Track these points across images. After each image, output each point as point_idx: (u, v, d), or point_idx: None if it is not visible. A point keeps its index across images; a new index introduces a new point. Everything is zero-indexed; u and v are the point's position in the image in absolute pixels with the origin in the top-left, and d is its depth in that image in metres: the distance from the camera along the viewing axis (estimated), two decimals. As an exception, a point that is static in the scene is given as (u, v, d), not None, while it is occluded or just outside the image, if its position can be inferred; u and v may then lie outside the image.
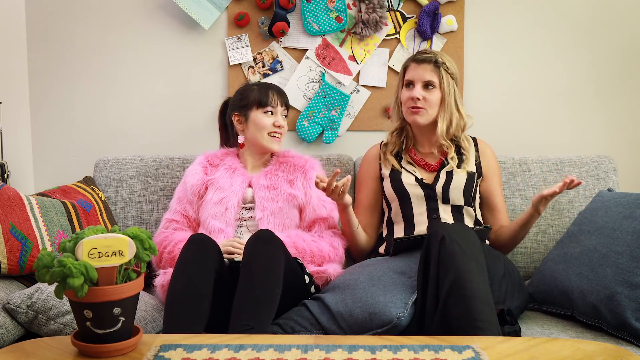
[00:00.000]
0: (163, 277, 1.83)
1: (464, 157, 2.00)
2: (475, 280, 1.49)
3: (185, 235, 1.94)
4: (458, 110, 1.98)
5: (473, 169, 2.01)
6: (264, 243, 1.62)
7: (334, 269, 1.89)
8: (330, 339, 1.36)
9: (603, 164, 2.23)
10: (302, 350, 1.26)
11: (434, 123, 1.99)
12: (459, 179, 1.96)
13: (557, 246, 1.90)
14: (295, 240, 1.88)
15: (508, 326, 1.59)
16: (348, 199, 1.89)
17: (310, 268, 1.87)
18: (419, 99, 1.95)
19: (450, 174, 1.97)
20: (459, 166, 1.98)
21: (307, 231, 1.99)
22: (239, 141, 2.09)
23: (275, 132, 2.03)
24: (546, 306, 1.84)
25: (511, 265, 1.85)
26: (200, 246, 1.65)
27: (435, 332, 1.48)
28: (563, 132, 2.50)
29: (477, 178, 2.02)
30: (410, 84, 1.99)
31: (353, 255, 2.10)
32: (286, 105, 2.07)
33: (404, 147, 2.07)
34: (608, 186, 2.18)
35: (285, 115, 2.08)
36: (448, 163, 1.98)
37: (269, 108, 2.03)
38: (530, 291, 1.90)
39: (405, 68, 2.02)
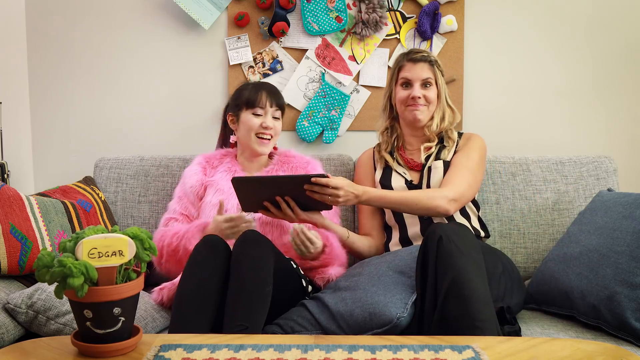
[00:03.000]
0: (159, 293, 1.83)
1: (447, 149, 2.02)
2: (473, 280, 1.49)
3: (181, 226, 1.92)
4: (449, 106, 2.04)
5: (450, 157, 2.01)
6: (251, 243, 1.62)
7: (335, 270, 1.88)
8: (330, 339, 1.35)
9: (603, 164, 2.23)
10: (302, 350, 1.26)
11: (430, 119, 2.02)
12: (437, 172, 1.97)
13: (557, 246, 1.90)
14: (337, 248, 1.89)
15: (508, 326, 1.59)
16: (317, 219, 1.88)
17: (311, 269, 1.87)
18: (419, 97, 1.96)
19: (429, 169, 1.98)
20: (438, 157, 1.99)
21: None
22: (230, 140, 2.09)
23: (263, 134, 1.99)
24: (546, 306, 1.84)
25: (510, 262, 1.86)
26: (213, 248, 1.65)
27: (435, 332, 1.48)
28: (563, 132, 2.50)
29: None
30: (407, 84, 2.00)
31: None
32: (279, 106, 2.01)
33: (395, 145, 2.08)
34: (608, 186, 2.18)
35: (277, 117, 2.02)
36: (429, 158, 2.00)
37: (258, 109, 1.99)
38: (530, 291, 1.90)
39: (400, 68, 2.03)
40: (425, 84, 1.99)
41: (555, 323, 1.75)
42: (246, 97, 2.00)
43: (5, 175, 2.20)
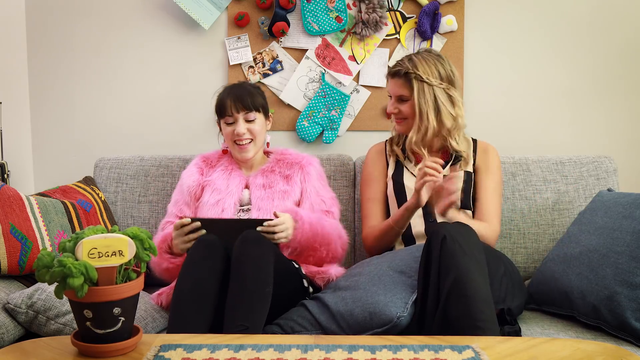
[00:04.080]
0: (158, 299, 1.84)
1: (463, 160, 2.00)
2: (475, 280, 1.49)
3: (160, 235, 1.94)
4: (439, 115, 1.93)
5: (470, 169, 2.00)
6: (252, 244, 1.62)
7: (335, 270, 1.88)
8: (330, 339, 1.36)
9: (603, 164, 2.23)
10: (302, 350, 1.26)
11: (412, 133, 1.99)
12: (458, 180, 1.94)
13: (557, 246, 1.90)
14: (311, 220, 1.86)
15: (508, 326, 1.59)
16: (423, 197, 1.83)
17: (311, 269, 1.87)
18: (394, 112, 1.98)
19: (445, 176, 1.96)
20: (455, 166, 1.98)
21: None
22: (221, 146, 2.10)
23: (239, 141, 1.98)
24: (546, 306, 1.84)
25: (511, 264, 1.86)
26: (209, 247, 1.65)
27: (436, 332, 1.48)
28: (563, 132, 2.50)
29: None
30: (390, 96, 2.01)
31: (372, 253, 2.07)
32: (248, 108, 1.96)
33: (407, 142, 2.07)
34: (608, 186, 2.18)
35: (252, 120, 1.97)
36: (446, 166, 1.98)
37: (228, 118, 1.97)
38: (530, 291, 1.90)
39: (386, 79, 2.03)
40: (399, 98, 1.97)
41: (555, 323, 1.75)
42: (216, 107, 2.01)
43: (5, 175, 2.20)
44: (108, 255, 1.22)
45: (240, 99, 1.96)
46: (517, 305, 1.77)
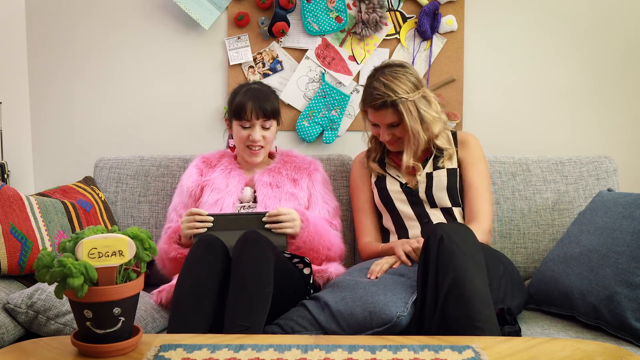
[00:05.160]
0: (158, 295, 1.84)
1: (445, 153, 1.98)
2: (474, 281, 1.49)
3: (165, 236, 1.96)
4: (425, 124, 1.91)
5: (454, 165, 1.98)
6: (252, 244, 1.62)
7: (335, 268, 1.89)
8: (330, 339, 1.36)
9: (603, 164, 2.23)
10: (302, 350, 1.26)
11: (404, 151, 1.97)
12: (440, 180, 1.94)
13: (557, 246, 1.90)
14: (317, 222, 1.88)
15: (508, 326, 1.59)
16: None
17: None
18: (389, 139, 1.94)
19: (430, 176, 1.96)
20: (437, 166, 1.97)
21: None
22: (229, 144, 2.09)
23: (252, 146, 1.98)
24: (546, 306, 1.84)
25: (511, 264, 1.85)
26: (208, 247, 1.65)
27: (435, 332, 1.48)
28: (563, 132, 2.50)
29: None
30: (375, 125, 1.96)
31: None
32: (267, 116, 1.96)
33: (386, 150, 2.06)
34: (608, 186, 2.18)
35: (267, 127, 1.98)
36: (427, 162, 1.98)
37: (245, 122, 1.96)
38: (530, 291, 1.90)
39: (364, 110, 1.96)
40: (391, 125, 1.93)
41: (555, 323, 1.75)
42: (234, 107, 1.98)
43: (5, 175, 2.20)
44: (108, 255, 1.22)
45: (261, 105, 1.95)
46: (517, 305, 1.77)
